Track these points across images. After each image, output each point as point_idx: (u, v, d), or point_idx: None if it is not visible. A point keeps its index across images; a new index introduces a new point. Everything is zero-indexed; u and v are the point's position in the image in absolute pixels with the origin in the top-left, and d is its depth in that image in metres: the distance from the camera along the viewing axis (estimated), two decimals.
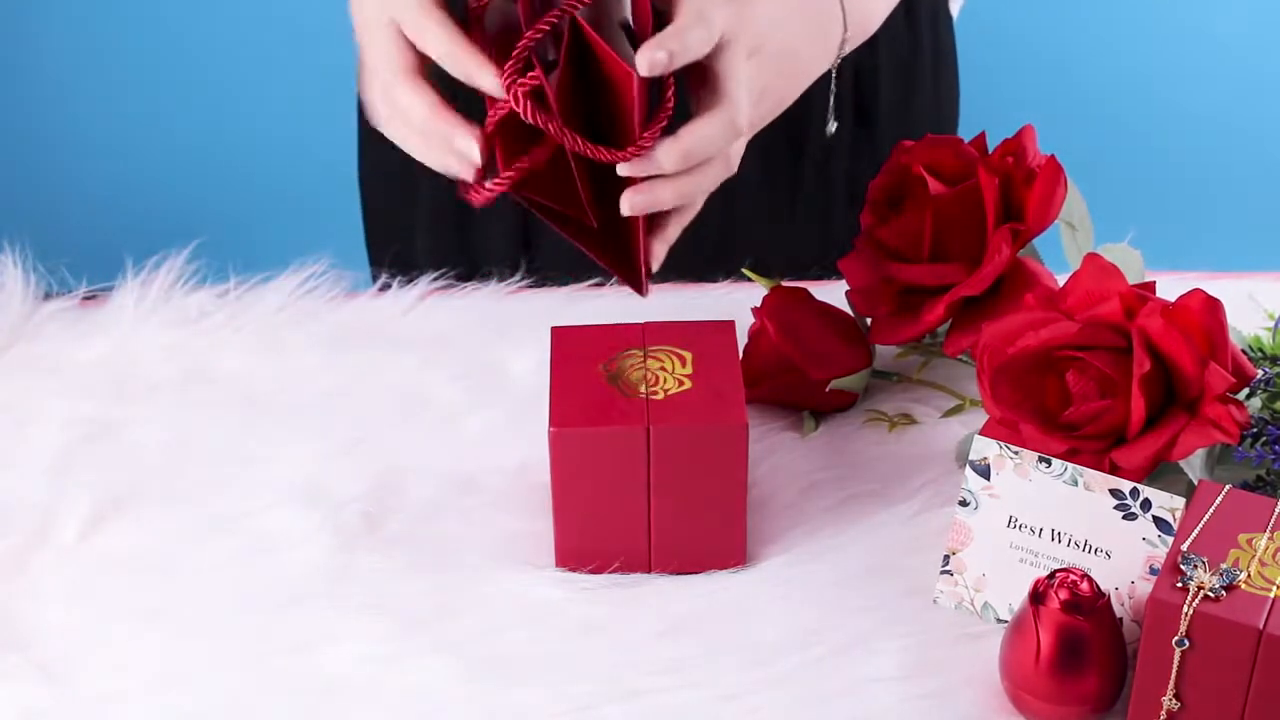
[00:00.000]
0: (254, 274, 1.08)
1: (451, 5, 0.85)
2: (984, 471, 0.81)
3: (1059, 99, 2.28)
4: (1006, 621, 0.82)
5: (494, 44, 0.85)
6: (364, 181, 1.29)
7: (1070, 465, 0.79)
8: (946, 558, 0.84)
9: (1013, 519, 0.82)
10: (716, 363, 0.86)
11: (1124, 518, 0.79)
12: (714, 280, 1.10)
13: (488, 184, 0.84)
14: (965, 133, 1.02)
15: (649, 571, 0.87)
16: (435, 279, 1.09)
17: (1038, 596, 0.76)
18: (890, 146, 0.97)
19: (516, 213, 1.18)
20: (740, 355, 0.87)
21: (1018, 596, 0.82)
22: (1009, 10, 2.17)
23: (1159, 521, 0.78)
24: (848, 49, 0.99)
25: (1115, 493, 0.79)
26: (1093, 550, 0.80)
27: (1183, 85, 2.31)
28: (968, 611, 0.84)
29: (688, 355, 0.87)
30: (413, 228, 1.23)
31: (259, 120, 2.29)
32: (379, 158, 1.24)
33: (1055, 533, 0.81)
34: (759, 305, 0.97)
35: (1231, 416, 0.82)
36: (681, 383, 0.85)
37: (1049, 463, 0.80)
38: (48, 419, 0.98)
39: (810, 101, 1.15)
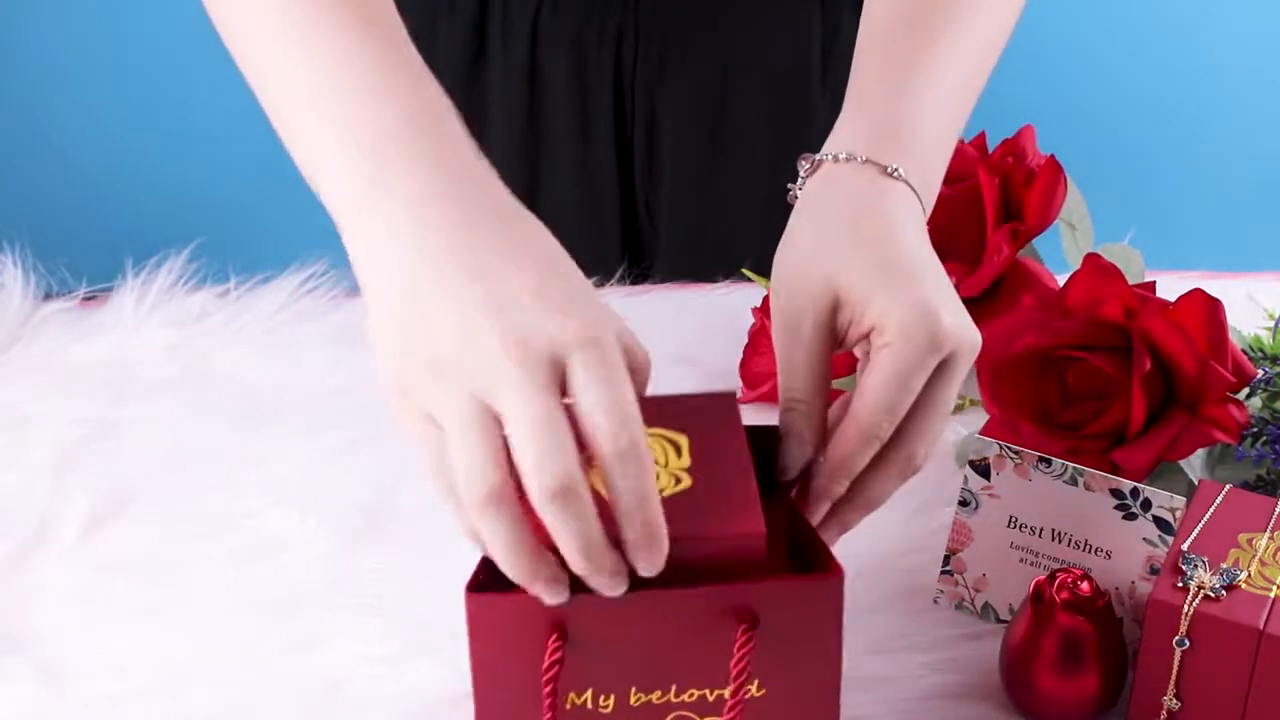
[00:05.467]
0: (254, 274, 1.08)
1: None
2: (984, 471, 0.81)
3: (1059, 100, 2.28)
4: (1006, 621, 0.82)
5: None
6: None
7: (1070, 465, 0.79)
8: (946, 558, 0.84)
9: (1013, 519, 0.82)
10: (719, 449, 0.69)
11: (1124, 518, 0.79)
12: (714, 280, 1.10)
13: None
14: (966, 135, 1.01)
15: None
16: None
17: (1038, 596, 0.76)
18: None
19: None
20: (742, 424, 0.71)
21: (1018, 596, 0.82)
22: None
23: (1159, 521, 0.78)
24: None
25: (1115, 492, 0.79)
26: (1093, 550, 0.80)
27: (1182, 85, 2.32)
28: (968, 611, 0.84)
29: (683, 441, 0.69)
30: None
31: (260, 120, 2.28)
32: None
33: (1055, 533, 0.81)
34: (759, 305, 0.97)
35: (1232, 416, 0.82)
36: (678, 479, 0.68)
37: (1049, 463, 0.80)
38: (48, 419, 0.98)
39: (811, 100, 1.15)
